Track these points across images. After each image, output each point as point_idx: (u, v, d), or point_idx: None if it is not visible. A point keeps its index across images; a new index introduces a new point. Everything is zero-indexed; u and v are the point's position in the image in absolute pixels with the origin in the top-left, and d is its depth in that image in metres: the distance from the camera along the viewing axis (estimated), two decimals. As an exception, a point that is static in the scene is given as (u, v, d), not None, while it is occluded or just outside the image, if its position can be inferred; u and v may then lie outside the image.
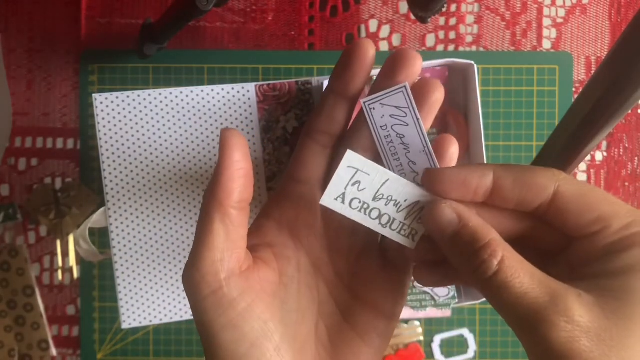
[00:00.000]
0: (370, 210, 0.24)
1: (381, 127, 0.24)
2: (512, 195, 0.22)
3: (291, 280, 0.25)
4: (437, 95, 0.25)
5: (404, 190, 0.23)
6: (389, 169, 0.24)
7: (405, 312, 0.38)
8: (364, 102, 0.24)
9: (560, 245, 0.23)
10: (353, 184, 0.23)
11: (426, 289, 0.38)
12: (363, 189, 0.23)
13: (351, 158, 0.23)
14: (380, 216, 0.24)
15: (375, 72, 0.27)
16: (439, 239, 0.22)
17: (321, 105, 0.26)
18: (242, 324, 0.22)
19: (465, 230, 0.21)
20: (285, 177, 0.27)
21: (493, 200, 0.22)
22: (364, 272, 0.26)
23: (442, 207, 0.22)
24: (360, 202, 0.23)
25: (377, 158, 0.24)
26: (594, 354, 0.19)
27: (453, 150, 0.25)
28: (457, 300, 0.37)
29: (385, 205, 0.23)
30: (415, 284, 0.37)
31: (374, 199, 0.23)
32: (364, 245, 0.26)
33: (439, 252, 0.24)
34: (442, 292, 0.38)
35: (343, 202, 0.23)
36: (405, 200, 0.23)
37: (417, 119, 0.24)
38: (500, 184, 0.22)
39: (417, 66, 0.25)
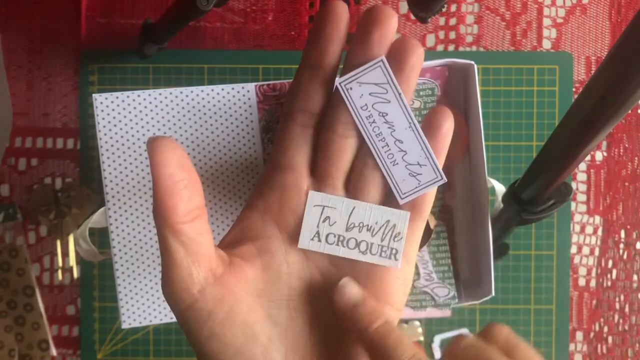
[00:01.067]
0: (347, 241, 0.24)
1: (361, 107, 0.23)
2: None
3: (277, 274, 0.24)
4: (415, 58, 0.23)
5: (372, 214, 0.23)
6: (374, 151, 0.23)
7: (405, 312, 0.38)
8: (339, 83, 0.23)
9: None
10: (324, 221, 0.23)
11: (426, 289, 0.38)
12: (334, 223, 0.23)
13: (314, 197, 0.23)
14: (357, 244, 0.24)
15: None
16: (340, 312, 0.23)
17: (297, 83, 0.24)
18: (223, 333, 0.21)
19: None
20: (267, 165, 0.25)
21: None
22: None
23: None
24: (335, 236, 0.24)
25: (362, 136, 0.23)
26: None
27: (447, 126, 0.23)
28: (457, 300, 0.37)
29: (359, 232, 0.24)
30: (416, 283, 0.37)
31: (347, 229, 0.23)
32: None
33: None
34: (442, 292, 0.38)
35: (319, 240, 0.23)
36: (376, 223, 0.23)
37: (399, 94, 0.23)
38: None
39: (392, 23, 0.22)
